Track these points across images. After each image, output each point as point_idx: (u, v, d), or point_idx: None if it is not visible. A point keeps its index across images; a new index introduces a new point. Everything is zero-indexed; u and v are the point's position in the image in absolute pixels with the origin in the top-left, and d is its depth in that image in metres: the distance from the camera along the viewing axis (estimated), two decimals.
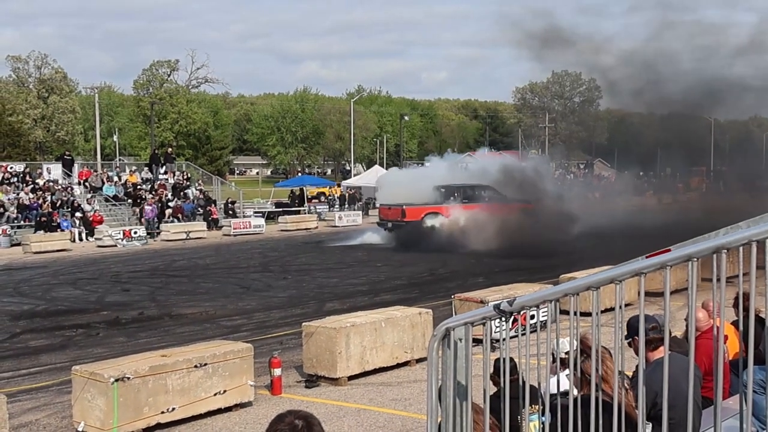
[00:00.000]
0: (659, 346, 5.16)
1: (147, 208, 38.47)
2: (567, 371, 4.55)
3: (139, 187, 41.89)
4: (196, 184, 45.90)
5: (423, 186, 35.28)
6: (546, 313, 5.00)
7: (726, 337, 6.81)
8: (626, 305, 3.65)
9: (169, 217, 39.19)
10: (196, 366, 10.16)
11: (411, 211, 32.90)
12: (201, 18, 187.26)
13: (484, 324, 4.06)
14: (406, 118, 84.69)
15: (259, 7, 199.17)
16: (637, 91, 51.89)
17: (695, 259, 3.18)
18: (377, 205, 40.64)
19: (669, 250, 3.41)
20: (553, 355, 4.14)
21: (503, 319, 3.92)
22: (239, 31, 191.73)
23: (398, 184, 37.61)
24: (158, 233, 36.89)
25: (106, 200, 40.09)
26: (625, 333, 5.22)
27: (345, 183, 62.70)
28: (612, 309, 3.71)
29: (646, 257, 3.47)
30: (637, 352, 4.84)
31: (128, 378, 9.43)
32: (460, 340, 4.09)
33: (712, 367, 4.81)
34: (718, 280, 3.21)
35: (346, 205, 52.12)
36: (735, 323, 6.49)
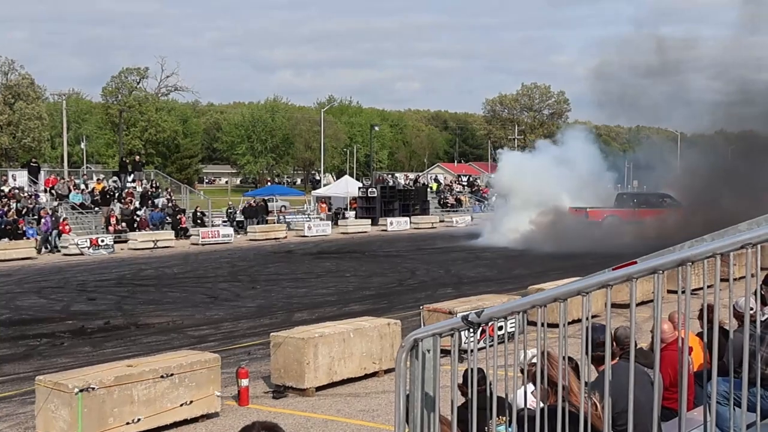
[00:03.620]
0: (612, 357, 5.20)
1: (42, 219, 35.32)
2: (531, 387, 4.56)
3: (108, 195, 41.51)
4: (165, 193, 45.57)
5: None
6: (514, 325, 5.02)
7: (691, 349, 6.88)
8: (593, 317, 3.68)
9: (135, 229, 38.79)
10: (162, 376, 10.07)
11: (594, 213, 39.52)
12: (177, 25, 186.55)
13: (452, 335, 4.07)
14: (377, 128, 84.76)
15: (236, 15, 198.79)
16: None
17: (661, 272, 3.22)
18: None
19: (635, 263, 3.44)
20: (522, 369, 4.15)
21: (471, 330, 3.93)
22: (215, 38, 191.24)
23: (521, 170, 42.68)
24: (55, 248, 34.30)
25: (73, 208, 39.66)
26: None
27: (315, 193, 62.62)
28: (579, 320, 3.74)
29: (613, 269, 3.50)
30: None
31: (93, 388, 9.32)
32: (428, 351, 4.09)
33: (675, 378, 4.86)
34: (683, 292, 3.25)
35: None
36: (700, 335, 6.55)
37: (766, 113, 42.03)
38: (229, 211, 46.34)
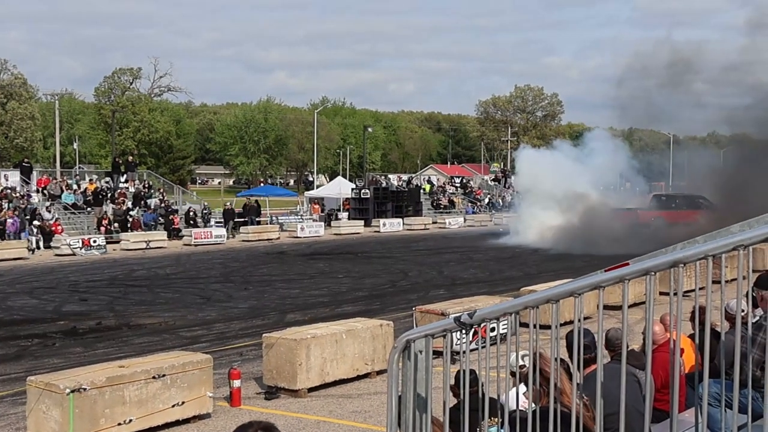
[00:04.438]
0: (590, 364, 5.21)
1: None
2: (523, 388, 4.57)
3: (100, 195, 41.40)
4: (158, 194, 45.47)
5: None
6: (506, 326, 5.03)
7: (682, 350, 6.89)
8: (585, 318, 3.68)
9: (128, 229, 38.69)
10: (154, 377, 10.05)
11: (643, 215, 41.84)
12: (174, 26, 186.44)
13: (444, 336, 4.07)
14: (370, 129, 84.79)
15: (232, 16, 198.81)
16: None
17: (653, 273, 3.22)
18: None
19: (627, 264, 3.44)
20: (513, 372, 4.15)
21: (464, 331, 3.93)
22: (211, 39, 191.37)
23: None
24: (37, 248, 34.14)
25: (65, 208, 39.56)
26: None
27: (308, 194, 62.57)
28: (571, 322, 3.74)
29: (605, 271, 3.50)
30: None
31: (85, 389, 9.29)
32: (421, 352, 4.09)
33: (667, 380, 4.87)
34: (675, 293, 3.26)
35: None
36: (691, 336, 6.56)
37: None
38: (227, 208, 46.18)
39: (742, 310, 7.26)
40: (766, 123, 43.95)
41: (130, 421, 9.71)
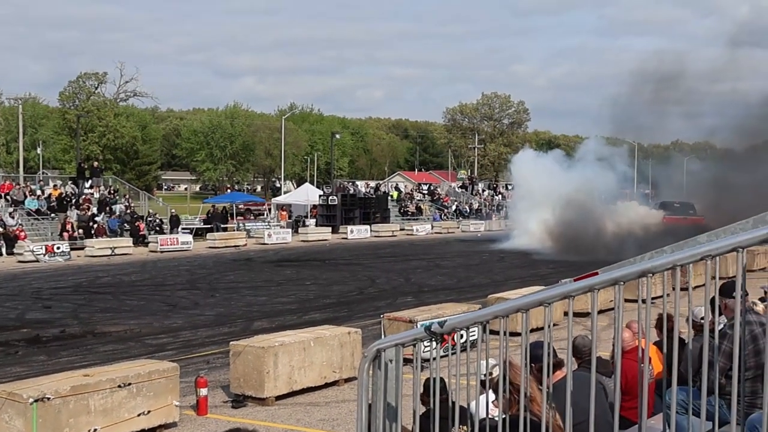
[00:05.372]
0: (555, 371, 5.25)
1: None
2: (492, 396, 4.58)
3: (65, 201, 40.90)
4: (123, 200, 45.05)
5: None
6: (475, 334, 5.04)
7: (649, 359, 6.95)
8: (554, 324, 3.70)
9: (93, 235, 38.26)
10: (119, 386, 9.93)
11: (668, 220, 44.09)
12: (142, 30, 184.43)
13: (414, 345, 4.08)
14: (338, 136, 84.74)
15: (202, 21, 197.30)
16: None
17: (622, 283, 3.25)
18: None
19: (596, 273, 3.48)
20: (482, 381, 4.17)
21: (434, 340, 3.94)
22: (180, 43, 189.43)
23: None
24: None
25: (29, 214, 39.05)
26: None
27: (275, 200, 62.35)
28: (540, 328, 3.76)
29: (574, 280, 3.53)
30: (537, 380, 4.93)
31: (48, 398, 9.16)
32: (391, 361, 4.09)
33: (632, 388, 4.91)
34: (644, 301, 3.29)
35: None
36: (657, 344, 6.62)
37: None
38: (210, 213, 45.97)
39: (704, 318, 7.35)
40: (745, 131, 45.67)
41: (95, 430, 9.59)
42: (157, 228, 42.37)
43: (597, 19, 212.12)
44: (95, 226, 39.15)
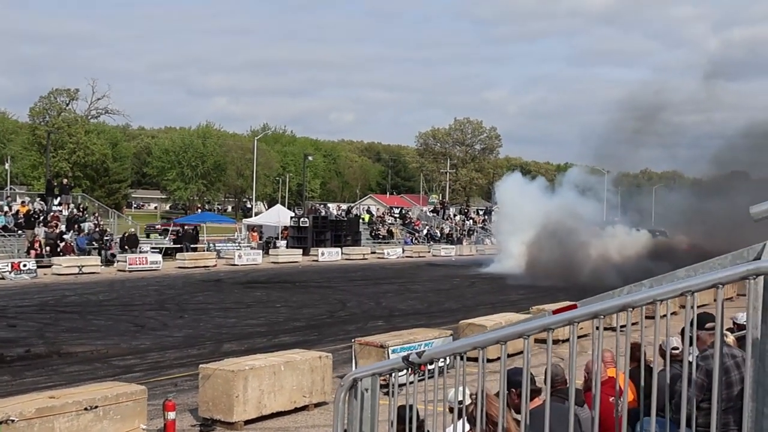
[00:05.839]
0: (533, 398, 5.26)
1: None
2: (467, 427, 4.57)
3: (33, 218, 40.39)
4: (92, 217, 44.60)
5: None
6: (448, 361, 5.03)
7: (621, 390, 6.96)
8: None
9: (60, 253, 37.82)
10: (86, 408, 9.77)
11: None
12: (114, 47, 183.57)
13: (391, 374, 4.06)
14: (310, 158, 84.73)
15: (175, 39, 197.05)
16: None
17: (602, 317, 3.26)
18: None
19: (575, 306, 3.48)
20: (459, 409, 4.15)
21: (411, 370, 3.92)
22: (151, 62, 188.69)
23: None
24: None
25: None
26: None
27: (246, 221, 62.08)
28: (516, 354, 3.76)
29: (554, 312, 3.53)
30: (512, 406, 4.94)
31: (13, 420, 8.99)
32: (367, 390, 4.07)
33: (607, 419, 4.91)
34: (623, 330, 3.30)
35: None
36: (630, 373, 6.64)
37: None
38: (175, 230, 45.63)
39: (677, 349, 7.39)
40: (718, 162, 47.00)
41: None
42: (127, 245, 41.97)
43: (568, 48, 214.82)
44: (63, 244, 38.71)
